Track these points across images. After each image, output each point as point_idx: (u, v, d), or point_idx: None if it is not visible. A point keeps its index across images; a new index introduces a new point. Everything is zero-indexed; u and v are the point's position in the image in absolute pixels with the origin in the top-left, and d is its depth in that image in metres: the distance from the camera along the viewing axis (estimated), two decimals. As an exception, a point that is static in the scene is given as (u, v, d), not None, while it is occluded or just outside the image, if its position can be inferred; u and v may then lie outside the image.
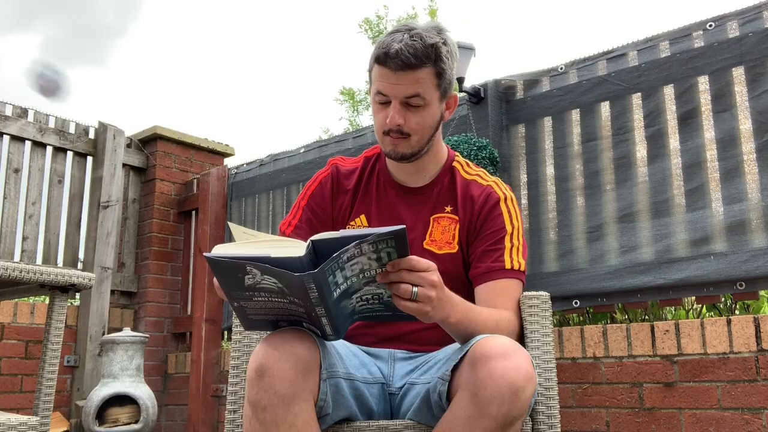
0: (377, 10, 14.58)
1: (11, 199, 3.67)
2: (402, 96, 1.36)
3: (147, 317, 4.03)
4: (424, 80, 1.36)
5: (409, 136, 1.39)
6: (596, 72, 2.85)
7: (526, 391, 1.10)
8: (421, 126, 1.40)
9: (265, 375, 1.14)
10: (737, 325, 2.27)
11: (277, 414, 1.14)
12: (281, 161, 3.94)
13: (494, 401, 1.09)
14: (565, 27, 29.74)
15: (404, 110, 1.38)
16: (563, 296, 2.73)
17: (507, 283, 1.37)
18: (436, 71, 1.37)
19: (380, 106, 1.41)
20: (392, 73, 1.35)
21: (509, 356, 1.12)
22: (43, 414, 1.68)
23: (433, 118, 1.41)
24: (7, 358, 3.49)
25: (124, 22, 78.35)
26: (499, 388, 1.09)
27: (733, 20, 2.54)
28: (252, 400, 1.16)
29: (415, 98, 1.37)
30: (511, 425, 1.11)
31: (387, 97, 1.38)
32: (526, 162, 2.99)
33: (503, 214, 1.43)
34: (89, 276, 1.77)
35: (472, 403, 1.11)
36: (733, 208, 2.42)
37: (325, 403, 1.22)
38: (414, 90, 1.36)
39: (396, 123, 1.37)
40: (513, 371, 1.10)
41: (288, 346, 1.17)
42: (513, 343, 1.16)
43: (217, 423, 3.71)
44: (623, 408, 2.46)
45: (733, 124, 2.48)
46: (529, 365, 1.13)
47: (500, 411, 1.09)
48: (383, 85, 1.37)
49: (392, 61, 1.33)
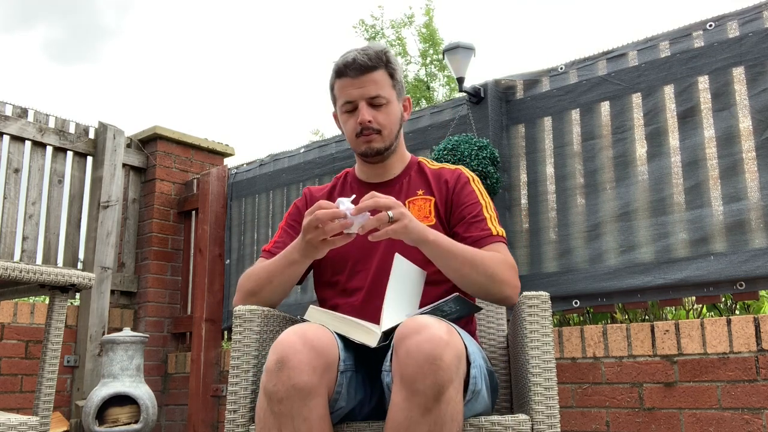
0: (372, 12, 14.58)
1: (11, 199, 3.67)
2: (366, 97, 1.56)
3: (147, 317, 4.03)
4: (381, 81, 1.57)
5: (380, 132, 1.57)
6: (596, 72, 2.85)
7: (444, 357, 1.12)
8: (388, 121, 1.58)
9: (285, 367, 1.16)
10: (737, 325, 2.27)
11: (293, 407, 1.16)
12: (281, 161, 3.94)
13: (417, 377, 1.12)
14: (565, 27, 29.73)
15: (371, 110, 1.56)
16: (563, 296, 2.73)
17: (498, 246, 1.52)
18: (388, 72, 1.59)
19: (348, 116, 1.59)
20: (353, 79, 1.56)
21: (422, 330, 1.15)
22: (43, 414, 1.68)
23: (396, 114, 1.61)
24: (7, 358, 3.49)
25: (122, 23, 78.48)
26: (417, 362, 1.12)
27: (733, 20, 2.54)
28: (269, 391, 1.17)
29: (378, 98, 1.56)
30: (442, 394, 1.12)
31: (353, 102, 1.57)
32: (526, 162, 2.99)
33: (475, 191, 1.61)
34: (89, 276, 1.77)
35: (401, 386, 1.14)
36: (733, 208, 2.42)
37: (339, 396, 1.24)
38: (375, 90, 1.56)
39: (367, 119, 1.55)
40: (427, 343, 1.13)
41: (309, 339, 1.20)
42: (429, 319, 1.20)
43: (217, 423, 3.71)
44: (623, 408, 2.46)
45: (732, 122, 2.48)
46: (444, 333, 1.15)
47: (425, 384, 1.11)
48: (348, 92, 1.57)
49: (351, 68, 1.55)
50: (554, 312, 2.80)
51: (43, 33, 69.41)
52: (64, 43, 69.01)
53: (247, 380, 1.38)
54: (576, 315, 2.92)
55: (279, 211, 3.87)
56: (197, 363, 3.78)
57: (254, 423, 1.35)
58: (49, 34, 68.93)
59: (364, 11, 20.87)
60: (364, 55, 1.55)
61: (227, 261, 4.01)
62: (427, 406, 1.11)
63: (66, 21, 69.22)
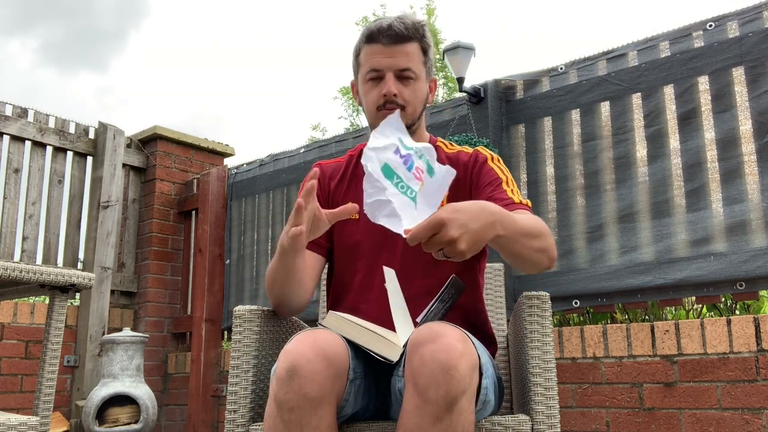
0: (374, 10, 14.55)
1: (11, 199, 3.67)
2: (396, 68, 1.44)
3: (147, 317, 4.03)
4: (414, 54, 1.46)
5: (404, 108, 1.45)
6: (596, 72, 2.85)
7: (459, 368, 1.10)
8: (414, 98, 1.47)
9: (296, 376, 1.14)
10: (737, 325, 2.27)
11: (303, 416, 1.14)
12: (281, 161, 3.94)
13: (430, 386, 1.10)
14: (565, 27, 29.73)
15: (398, 83, 1.45)
16: (563, 296, 2.73)
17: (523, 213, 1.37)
18: (422, 47, 1.48)
19: (372, 84, 1.47)
20: (384, 47, 1.44)
21: (437, 339, 1.12)
22: (43, 414, 1.68)
23: (422, 92, 1.50)
24: (7, 358, 3.49)
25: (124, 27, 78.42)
26: (431, 371, 1.10)
27: (733, 20, 2.54)
28: (279, 400, 1.15)
29: (408, 71, 1.45)
30: (455, 404, 1.11)
31: (380, 72, 1.45)
32: (526, 162, 2.99)
33: (494, 169, 1.50)
34: (89, 276, 1.77)
35: (414, 393, 1.12)
36: (734, 209, 2.42)
37: (347, 403, 1.23)
38: (406, 63, 1.45)
39: (392, 92, 1.43)
40: (442, 352, 1.10)
41: (322, 348, 1.17)
42: (441, 326, 1.17)
43: (217, 423, 3.71)
44: (623, 408, 2.46)
45: (733, 124, 2.48)
46: (459, 342, 1.13)
47: (438, 393, 1.09)
48: (376, 60, 1.45)
49: (385, 35, 1.43)
50: (554, 312, 2.79)
51: (43, 37, 69.48)
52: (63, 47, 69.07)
53: (247, 380, 1.38)
54: (576, 315, 2.92)
55: (279, 211, 3.87)
56: (197, 363, 3.78)
57: (254, 423, 1.35)
58: (50, 37, 69.02)
59: (366, 9, 20.87)
60: (401, 23, 1.44)
61: (227, 261, 4.01)
62: (438, 416, 1.10)
63: (66, 25, 69.27)
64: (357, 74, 1.53)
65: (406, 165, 1.24)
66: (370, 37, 1.46)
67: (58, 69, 69.79)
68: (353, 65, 1.54)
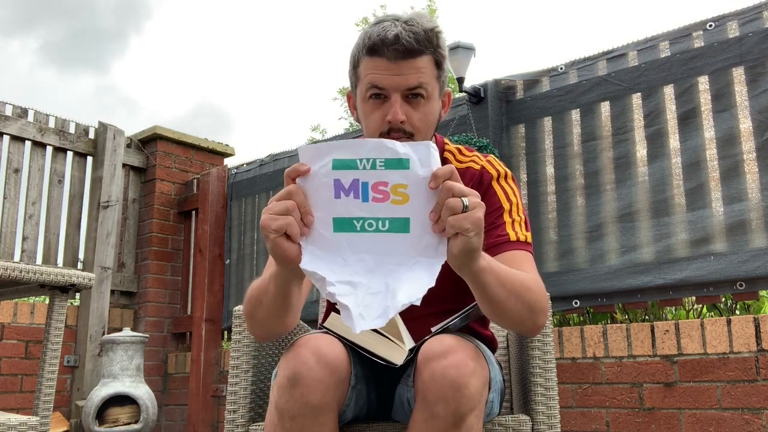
0: (374, 10, 14.55)
1: (11, 199, 3.67)
2: (404, 88, 1.20)
3: (147, 317, 4.03)
4: (425, 69, 1.21)
5: (412, 136, 1.22)
6: (596, 72, 2.85)
7: (470, 386, 1.08)
8: (425, 123, 1.24)
9: (298, 384, 1.11)
10: (737, 325, 2.27)
11: (305, 424, 1.12)
12: (281, 161, 3.94)
13: (439, 402, 1.08)
14: (565, 27, 29.74)
15: (405, 105, 1.22)
16: (563, 296, 2.72)
17: (516, 254, 1.24)
18: (435, 60, 1.23)
19: (373, 105, 1.23)
20: (390, 63, 1.19)
21: (448, 354, 1.10)
22: (43, 414, 1.68)
23: (434, 114, 1.27)
24: (7, 358, 3.49)
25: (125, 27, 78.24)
26: (441, 388, 1.08)
27: (733, 20, 2.54)
28: (281, 408, 1.12)
29: (418, 89, 1.21)
30: (463, 421, 1.09)
31: (384, 91, 1.21)
32: (526, 162, 2.99)
33: (497, 193, 1.31)
34: (89, 276, 1.77)
35: (423, 406, 1.11)
36: (733, 208, 2.42)
37: (348, 408, 1.21)
38: (416, 80, 1.20)
39: (399, 119, 1.20)
40: (453, 369, 1.08)
41: (323, 355, 1.14)
42: (454, 340, 1.12)
43: (216, 423, 3.71)
44: (623, 408, 2.46)
45: (732, 123, 2.48)
46: (471, 359, 1.10)
47: (447, 410, 1.08)
48: (380, 78, 1.20)
49: (391, 48, 1.18)
50: (554, 312, 2.79)
51: (44, 37, 69.49)
52: (64, 48, 69.12)
53: (246, 380, 1.38)
54: (576, 315, 2.92)
55: (279, 211, 3.87)
56: (197, 363, 3.78)
57: (254, 423, 1.35)
58: (50, 38, 69.06)
59: (366, 9, 20.89)
60: (410, 33, 1.18)
61: (227, 261, 4.01)
62: (446, 431, 1.09)
63: (67, 25, 69.29)
64: (355, 88, 1.30)
65: (356, 196, 0.96)
66: (372, 50, 1.20)
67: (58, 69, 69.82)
68: (350, 76, 1.30)
